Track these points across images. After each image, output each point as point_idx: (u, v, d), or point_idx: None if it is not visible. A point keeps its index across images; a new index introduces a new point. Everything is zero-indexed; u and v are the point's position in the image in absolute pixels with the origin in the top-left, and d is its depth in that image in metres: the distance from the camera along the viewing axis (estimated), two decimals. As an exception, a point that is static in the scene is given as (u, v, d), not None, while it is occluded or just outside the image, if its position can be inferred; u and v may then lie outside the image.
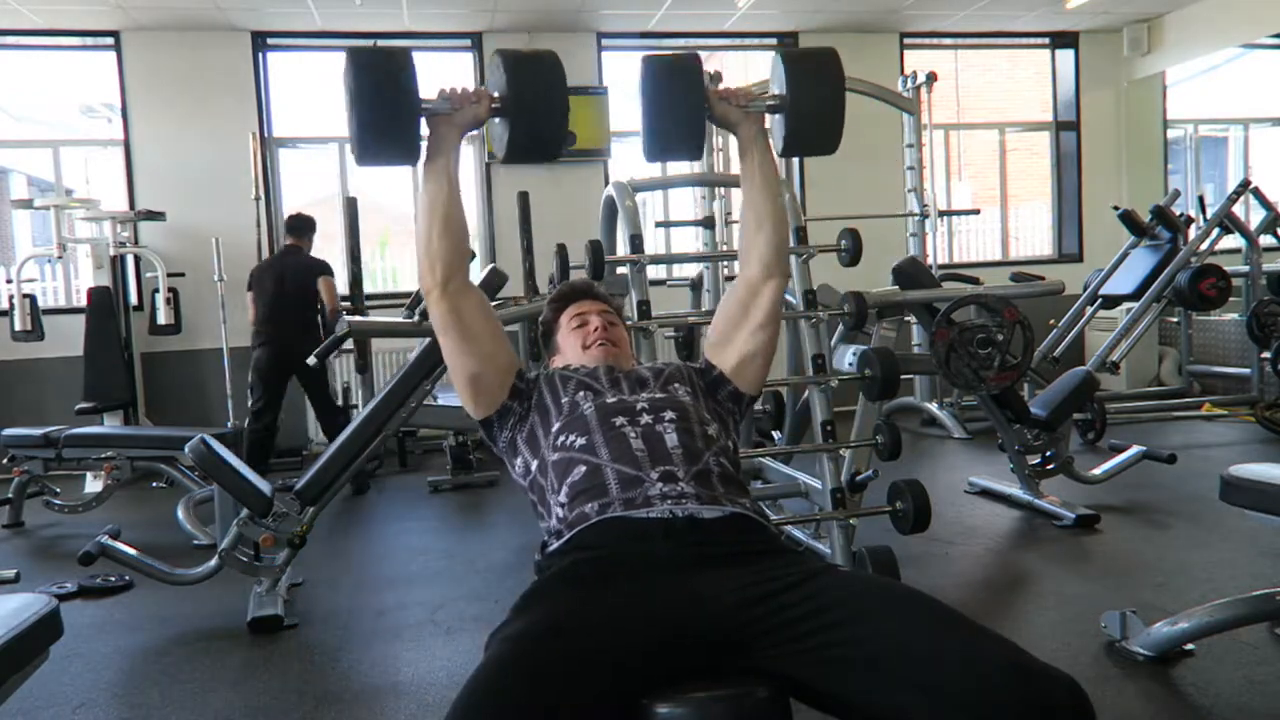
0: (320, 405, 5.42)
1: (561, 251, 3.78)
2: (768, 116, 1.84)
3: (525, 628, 1.29)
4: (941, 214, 6.42)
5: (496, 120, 1.69)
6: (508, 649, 1.24)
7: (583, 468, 1.53)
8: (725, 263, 4.59)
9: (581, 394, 1.66)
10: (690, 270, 5.17)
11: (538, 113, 1.63)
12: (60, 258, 5.85)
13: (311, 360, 3.82)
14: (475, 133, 6.58)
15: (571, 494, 1.52)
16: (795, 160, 7.19)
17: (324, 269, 5.32)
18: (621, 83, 6.91)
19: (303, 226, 5.45)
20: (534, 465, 1.63)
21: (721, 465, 1.56)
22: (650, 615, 1.29)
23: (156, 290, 5.86)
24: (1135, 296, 5.89)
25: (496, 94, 1.65)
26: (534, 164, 1.84)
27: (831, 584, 1.32)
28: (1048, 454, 4.00)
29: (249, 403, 5.25)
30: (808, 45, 1.86)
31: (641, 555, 1.39)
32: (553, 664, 1.19)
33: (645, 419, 1.59)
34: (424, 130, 1.66)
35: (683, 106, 1.72)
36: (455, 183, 1.67)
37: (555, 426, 1.62)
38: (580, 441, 1.57)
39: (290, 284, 5.23)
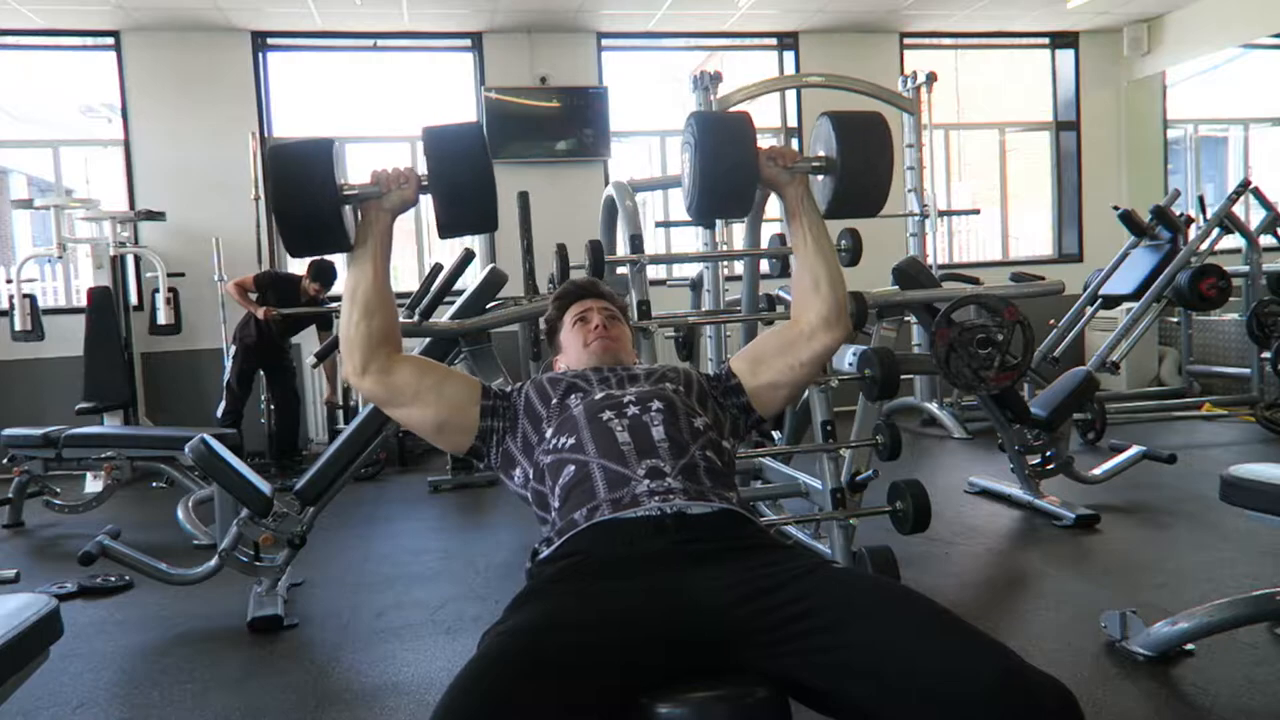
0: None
1: (561, 251, 3.77)
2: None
3: (519, 624, 1.29)
4: (941, 214, 6.42)
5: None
6: (500, 643, 1.24)
7: (571, 468, 1.53)
8: (725, 263, 4.58)
9: (572, 396, 1.65)
10: (690, 270, 5.17)
11: (461, 189, 1.61)
12: (60, 258, 5.86)
13: (312, 360, 3.82)
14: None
15: (563, 497, 1.52)
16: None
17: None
18: (622, 83, 6.92)
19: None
20: (531, 472, 1.62)
21: (709, 459, 1.55)
22: (643, 613, 1.29)
23: (156, 290, 5.86)
24: (1135, 296, 5.88)
25: (424, 173, 1.63)
26: (470, 235, 1.78)
27: (825, 583, 1.32)
28: (1048, 454, 4.00)
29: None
30: (853, 111, 1.85)
31: (632, 555, 1.39)
32: (545, 658, 1.19)
33: (632, 410, 1.58)
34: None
35: (735, 167, 1.68)
36: (381, 269, 1.63)
37: (548, 431, 1.62)
38: (569, 441, 1.56)
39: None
